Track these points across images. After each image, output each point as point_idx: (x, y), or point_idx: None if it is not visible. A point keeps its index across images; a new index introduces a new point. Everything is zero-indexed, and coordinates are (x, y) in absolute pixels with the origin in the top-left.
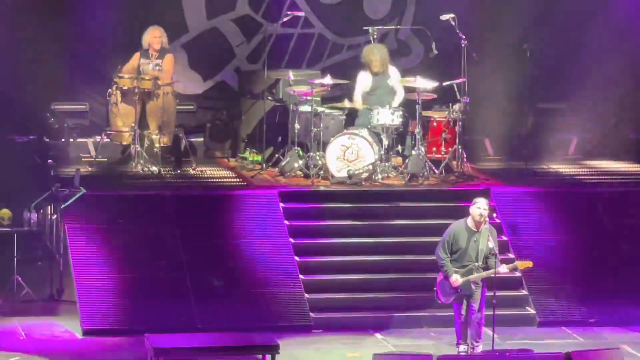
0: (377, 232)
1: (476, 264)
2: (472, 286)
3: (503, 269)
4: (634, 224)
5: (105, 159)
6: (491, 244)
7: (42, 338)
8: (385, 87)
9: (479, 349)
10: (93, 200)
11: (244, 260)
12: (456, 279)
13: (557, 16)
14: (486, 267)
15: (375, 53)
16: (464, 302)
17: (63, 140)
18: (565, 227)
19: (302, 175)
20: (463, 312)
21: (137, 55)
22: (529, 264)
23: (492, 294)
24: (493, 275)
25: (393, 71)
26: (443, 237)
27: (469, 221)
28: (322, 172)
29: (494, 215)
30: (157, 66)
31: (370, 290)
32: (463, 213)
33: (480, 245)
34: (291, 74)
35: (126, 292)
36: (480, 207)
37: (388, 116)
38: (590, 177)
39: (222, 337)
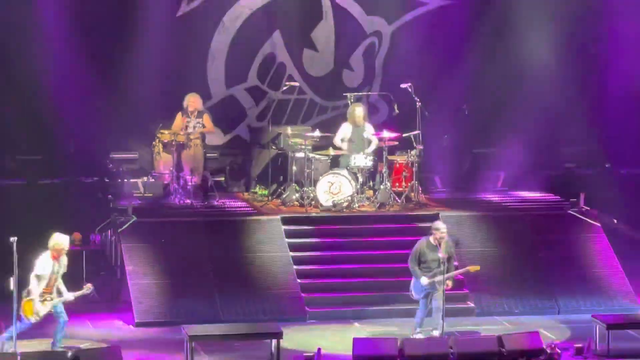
0: (356, 246)
1: (439, 269)
2: (437, 285)
3: (457, 272)
4: (548, 238)
5: (151, 194)
6: (440, 255)
7: (106, 328)
8: (361, 137)
9: (436, 333)
10: (142, 225)
11: (255, 269)
12: (424, 280)
13: (489, 82)
14: (447, 271)
15: (358, 110)
16: (428, 298)
17: (119, 180)
18: (497, 241)
19: (299, 204)
20: (426, 307)
21: (179, 115)
22: (478, 267)
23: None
24: (452, 276)
25: (368, 126)
26: (412, 251)
27: (431, 238)
28: (313, 202)
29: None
30: (198, 124)
31: (351, 290)
32: (420, 231)
33: (438, 255)
34: (289, 129)
35: (168, 293)
36: (439, 230)
37: (362, 160)
38: (514, 203)
39: (239, 327)
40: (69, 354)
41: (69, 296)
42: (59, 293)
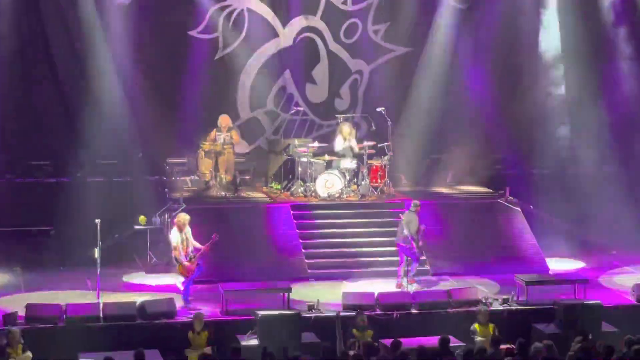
0: (345, 225)
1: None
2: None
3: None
4: (483, 220)
5: (196, 188)
6: (421, 226)
7: (163, 285)
8: (349, 147)
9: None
10: (189, 211)
11: (272, 242)
12: (417, 243)
13: (441, 105)
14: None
15: (345, 127)
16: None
17: (173, 178)
18: (447, 221)
19: (303, 195)
20: (407, 264)
21: (214, 131)
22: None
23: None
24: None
25: (353, 140)
26: (401, 223)
27: (412, 212)
28: (313, 193)
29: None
30: (227, 136)
31: (342, 257)
32: (391, 214)
33: (419, 226)
34: (296, 141)
35: (208, 259)
36: (417, 205)
37: (349, 163)
38: (460, 194)
39: (260, 283)
40: (137, 303)
41: (205, 248)
42: (198, 249)
